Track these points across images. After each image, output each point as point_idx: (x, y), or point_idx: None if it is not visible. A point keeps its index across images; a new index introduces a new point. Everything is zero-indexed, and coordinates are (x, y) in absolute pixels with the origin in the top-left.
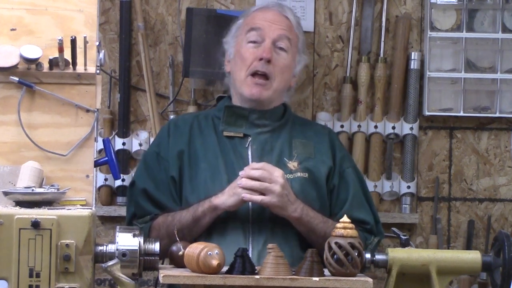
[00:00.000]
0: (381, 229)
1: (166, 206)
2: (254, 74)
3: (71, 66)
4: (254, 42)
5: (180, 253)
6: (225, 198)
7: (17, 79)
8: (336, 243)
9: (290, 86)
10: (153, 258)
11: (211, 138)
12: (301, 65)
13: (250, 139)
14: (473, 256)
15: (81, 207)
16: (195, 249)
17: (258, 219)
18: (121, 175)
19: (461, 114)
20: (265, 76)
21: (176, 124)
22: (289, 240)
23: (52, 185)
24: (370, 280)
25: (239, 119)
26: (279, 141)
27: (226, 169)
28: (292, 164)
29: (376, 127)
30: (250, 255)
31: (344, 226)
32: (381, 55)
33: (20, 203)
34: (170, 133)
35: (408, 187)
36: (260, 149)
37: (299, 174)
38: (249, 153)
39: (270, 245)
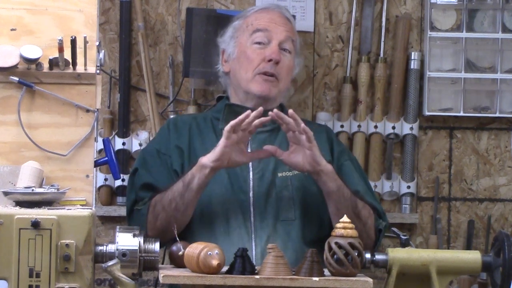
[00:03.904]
0: (387, 218)
1: None
2: (263, 73)
3: (71, 66)
4: (259, 43)
5: (180, 253)
6: (209, 155)
7: (17, 79)
8: (336, 243)
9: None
10: (153, 258)
11: (211, 138)
12: (299, 67)
13: (250, 138)
14: (473, 256)
15: (81, 207)
16: (195, 249)
17: (260, 216)
18: (121, 175)
19: (461, 114)
20: (273, 76)
21: (176, 123)
22: (292, 236)
23: (52, 185)
24: (370, 280)
25: None
26: (277, 140)
27: (226, 168)
28: None
29: (376, 127)
30: (253, 251)
31: (344, 226)
32: (381, 55)
33: (20, 203)
34: (170, 130)
35: (408, 187)
36: (260, 148)
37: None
38: (249, 151)
39: (270, 245)
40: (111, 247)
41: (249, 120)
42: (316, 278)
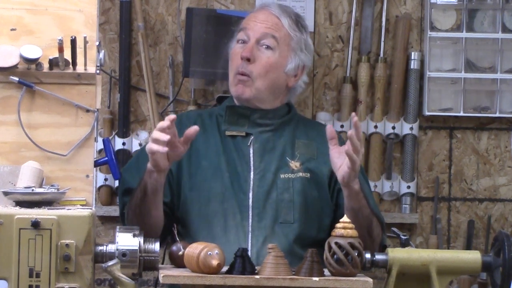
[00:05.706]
0: (385, 229)
1: None
2: (238, 73)
3: (71, 66)
4: (242, 42)
5: (180, 253)
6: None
7: (17, 79)
8: (336, 243)
9: (288, 86)
10: (153, 258)
11: (214, 137)
12: (294, 64)
13: (252, 137)
14: (473, 256)
15: (81, 207)
16: (195, 249)
17: (258, 217)
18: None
19: (461, 114)
20: (245, 75)
21: (180, 120)
22: (289, 238)
23: (52, 185)
24: (370, 280)
25: (241, 118)
26: (281, 140)
27: (227, 167)
28: (294, 164)
29: (376, 127)
30: (249, 252)
31: (344, 226)
32: (381, 55)
33: (20, 203)
34: None
35: (408, 187)
36: (262, 148)
37: (301, 174)
38: (251, 151)
39: (270, 245)
40: (111, 247)
41: (159, 135)
42: (316, 278)
